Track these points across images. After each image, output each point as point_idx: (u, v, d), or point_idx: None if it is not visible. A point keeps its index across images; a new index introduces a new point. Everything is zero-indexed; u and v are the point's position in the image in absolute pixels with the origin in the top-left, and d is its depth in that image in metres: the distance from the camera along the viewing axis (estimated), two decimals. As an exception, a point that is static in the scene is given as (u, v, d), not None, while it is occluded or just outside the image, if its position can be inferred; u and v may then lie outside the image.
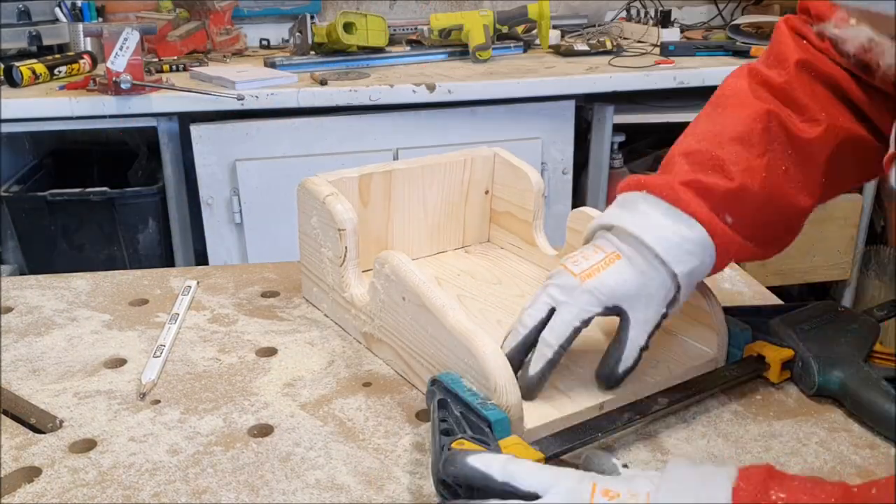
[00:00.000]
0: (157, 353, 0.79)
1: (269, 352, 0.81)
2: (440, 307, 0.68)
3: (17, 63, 1.89)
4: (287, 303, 0.92)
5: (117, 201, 1.93)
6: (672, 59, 2.14)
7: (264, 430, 0.68)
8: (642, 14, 2.51)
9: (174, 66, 2.09)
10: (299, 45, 2.20)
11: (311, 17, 2.24)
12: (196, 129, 1.87)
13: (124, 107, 1.79)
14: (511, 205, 0.99)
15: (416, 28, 2.41)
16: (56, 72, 1.96)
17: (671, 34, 2.34)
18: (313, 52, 2.18)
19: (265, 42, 2.49)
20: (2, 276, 1.02)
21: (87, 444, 0.66)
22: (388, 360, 0.78)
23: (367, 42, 2.11)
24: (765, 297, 0.94)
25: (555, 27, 2.40)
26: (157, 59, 2.14)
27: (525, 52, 2.31)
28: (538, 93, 1.96)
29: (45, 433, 0.68)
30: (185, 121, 1.89)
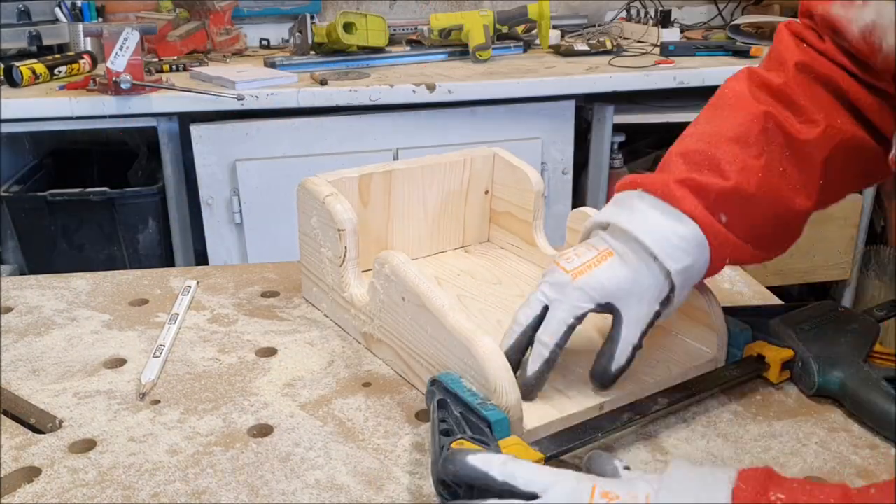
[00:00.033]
0: (157, 353, 0.79)
1: (269, 352, 0.81)
2: (440, 307, 0.68)
3: (17, 63, 1.89)
4: (287, 303, 0.92)
5: (117, 201, 1.93)
6: (672, 59, 2.14)
7: (264, 431, 0.68)
8: (642, 14, 2.51)
9: (174, 66, 2.09)
10: (299, 45, 2.20)
11: (311, 17, 2.24)
12: (196, 129, 1.87)
13: (124, 107, 1.79)
14: (511, 205, 0.99)
15: (416, 28, 2.41)
16: (56, 72, 1.96)
17: (671, 34, 2.34)
18: (313, 52, 2.18)
19: (265, 42, 2.50)
20: (2, 276, 1.02)
21: (87, 444, 0.66)
22: (388, 360, 0.78)
23: (367, 42, 2.12)
24: (765, 297, 0.94)
25: (555, 27, 2.41)
26: (157, 59, 2.14)
27: (525, 52, 2.31)
28: (538, 93, 1.96)
29: (44, 433, 0.68)
30: (185, 121, 1.89)
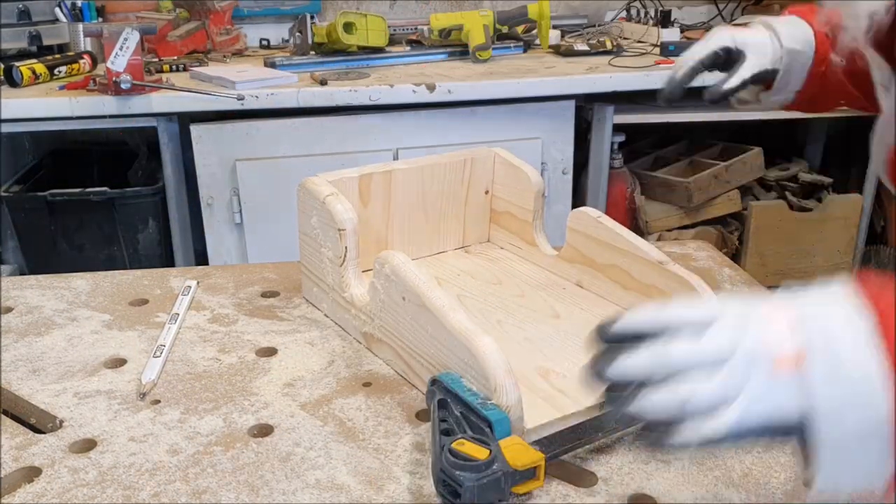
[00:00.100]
0: (157, 353, 0.79)
1: (269, 352, 0.81)
2: (440, 307, 0.68)
3: (17, 63, 1.89)
4: (287, 303, 0.92)
5: (117, 201, 1.93)
6: (672, 59, 2.14)
7: (264, 430, 0.68)
8: (642, 14, 2.51)
9: (174, 66, 2.09)
10: (299, 45, 2.20)
11: (311, 17, 2.24)
12: (196, 129, 1.87)
13: (124, 107, 1.79)
14: (511, 205, 0.99)
15: (416, 28, 2.41)
16: (56, 72, 1.96)
17: (671, 34, 2.34)
18: (313, 52, 2.18)
19: (265, 42, 2.49)
20: (2, 276, 1.02)
21: (87, 444, 0.66)
22: (388, 360, 0.78)
23: (367, 42, 2.11)
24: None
25: (555, 27, 2.40)
26: (157, 59, 2.14)
27: (525, 52, 2.31)
28: (538, 93, 1.96)
29: (45, 433, 0.68)
30: (185, 121, 1.89)
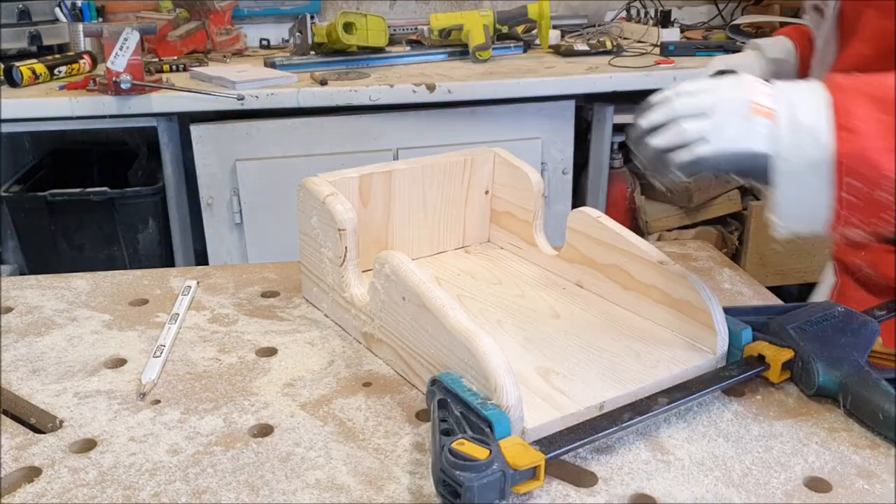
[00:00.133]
0: (157, 353, 0.79)
1: (269, 352, 0.81)
2: (440, 307, 0.68)
3: (17, 63, 1.89)
4: (287, 303, 0.92)
5: (117, 201, 1.93)
6: (672, 59, 2.14)
7: (264, 430, 0.68)
8: (642, 14, 2.51)
9: (174, 66, 2.09)
10: (299, 45, 2.20)
11: (311, 17, 2.24)
12: (196, 129, 1.87)
13: (124, 107, 1.79)
14: (511, 205, 0.99)
15: (416, 28, 2.41)
16: (56, 72, 1.96)
17: (671, 34, 2.34)
18: (313, 52, 2.18)
19: (265, 42, 2.50)
20: (2, 276, 1.02)
21: (88, 444, 0.66)
22: (388, 360, 0.78)
23: (367, 42, 2.11)
24: (765, 297, 0.94)
25: (555, 27, 2.41)
26: (157, 59, 2.14)
27: (525, 52, 2.31)
28: (538, 93, 1.96)
29: (45, 433, 0.68)
30: (185, 121, 1.89)
